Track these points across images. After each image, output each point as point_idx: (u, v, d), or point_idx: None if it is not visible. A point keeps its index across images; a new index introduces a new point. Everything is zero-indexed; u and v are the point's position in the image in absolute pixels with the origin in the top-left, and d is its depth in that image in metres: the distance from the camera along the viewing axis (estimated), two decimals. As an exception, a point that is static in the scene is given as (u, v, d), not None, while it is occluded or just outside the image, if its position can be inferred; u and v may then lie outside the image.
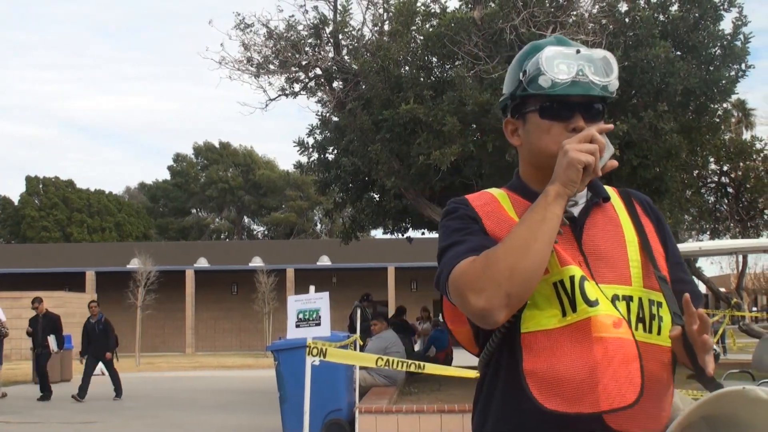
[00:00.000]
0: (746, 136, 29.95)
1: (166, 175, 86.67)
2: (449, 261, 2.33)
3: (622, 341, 2.24)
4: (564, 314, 2.28)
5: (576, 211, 2.45)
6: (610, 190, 2.60)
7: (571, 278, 2.29)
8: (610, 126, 2.37)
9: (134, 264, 43.58)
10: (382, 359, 9.56)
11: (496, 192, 2.58)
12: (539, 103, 2.42)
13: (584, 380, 2.19)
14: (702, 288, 23.05)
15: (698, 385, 2.26)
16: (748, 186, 18.71)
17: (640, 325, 2.34)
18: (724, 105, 17.60)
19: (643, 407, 2.23)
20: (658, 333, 2.36)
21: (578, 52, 2.39)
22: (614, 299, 2.32)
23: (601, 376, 2.19)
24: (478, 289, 2.19)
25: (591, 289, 2.28)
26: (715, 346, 2.23)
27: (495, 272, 2.18)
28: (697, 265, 23.23)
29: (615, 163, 2.33)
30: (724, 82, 15.47)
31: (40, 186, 74.81)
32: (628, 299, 2.35)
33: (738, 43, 15.46)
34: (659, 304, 2.40)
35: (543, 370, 2.23)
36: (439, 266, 2.40)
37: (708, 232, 20.11)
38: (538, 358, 2.25)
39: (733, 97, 18.06)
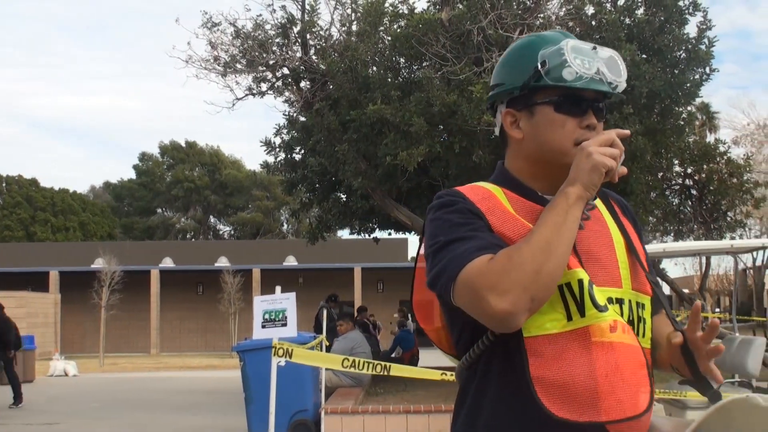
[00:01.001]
0: (710, 139, 30.19)
1: (132, 175, 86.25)
2: (457, 258, 2.17)
3: (628, 347, 2.20)
4: (569, 318, 2.19)
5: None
6: None
7: (580, 282, 2.21)
8: (628, 132, 2.34)
9: (98, 264, 43.30)
10: (348, 360, 9.54)
11: (489, 186, 2.44)
12: (554, 96, 2.35)
13: (594, 387, 2.12)
14: (666, 289, 23.21)
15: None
16: (711, 188, 18.80)
17: (630, 329, 2.28)
18: (689, 108, 17.72)
19: (643, 416, 2.20)
20: (643, 335, 2.33)
21: (594, 48, 2.35)
22: (608, 302, 2.26)
23: (612, 384, 2.13)
24: (501, 291, 2.07)
25: (599, 294, 2.22)
26: None
27: (521, 274, 2.07)
28: (662, 266, 23.38)
29: (625, 170, 2.30)
30: (688, 85, 15.58)
31: (3, 185, 74.17)
32: (620, 302, 2.30)
33: (702, 46, 15.58)
34: (643, 306, 2.37)
35: (551, 376, 2.14)
36: (439, 263, 2.23)
37: (672, 234, 20.20)
38: (545, 364, 2.16)
39: (698, 100, 18.20)
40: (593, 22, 15.48)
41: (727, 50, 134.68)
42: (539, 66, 2.34)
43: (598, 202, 2.48)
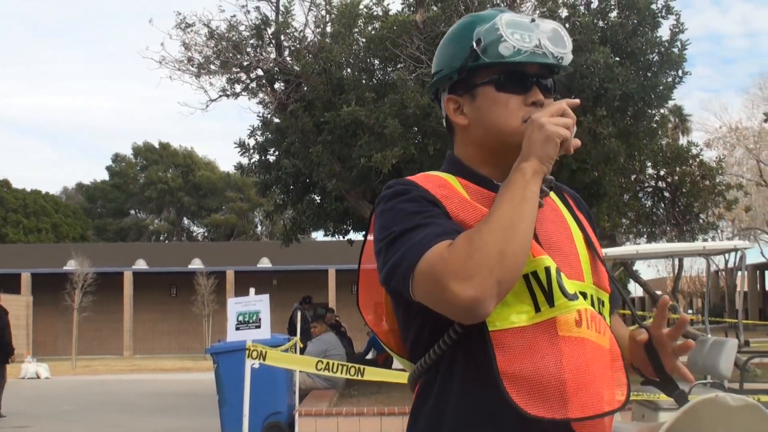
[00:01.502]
0: (683, 141, 30.32)
1: (105, 176, 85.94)
2: (415, 247, 1.99)
3: (600, 339, 2.08)
4: (537, 309, 2.03)
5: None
6: None
7: (547, 269, 2.05)
8: (577, 101, 2.16)
9: (71, 266, 43.06)
10: (322, 362, 9.54)
11: (444, 174, 2.26)
12: (494, 75, 2.20)
13: (566, 381, 1.99)
14: (639, 291, 23.28)
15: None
16: (684, 191, 18.90)
17: (600, 321, 2.12)
18: (662, 110, 17.81)
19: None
20: (603, 333, 2.13)
21: (533, 20, 2.20)
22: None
23: (586, 377, 2.01)
24: (464, 276, 1.89)
25: (568, 282, 2.07)
26: None
27: (484, 256, 1.90)
28: (635, 268, 23.47)
29: (578, 142, 2.13)
30: (661, 87, 15.67)
31: (-25, 186, 73.70)
32: (583, 296, 2.13)
33: (675, 49, 15.69)
34: (602, 303, 2.23)
35: (522, 372, 1.99)
36: (393, 255, 2.05)
37: (645, 236, 20.28)
38: (514, 359, 2.00)
39: (670, 103, 18.28)
40: (567, 25, 15.53)
41: (699, 53, 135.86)
42: (474, 45, 2.19)
43: (551, 194, 2.30)
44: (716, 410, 1.98)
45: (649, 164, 19.20)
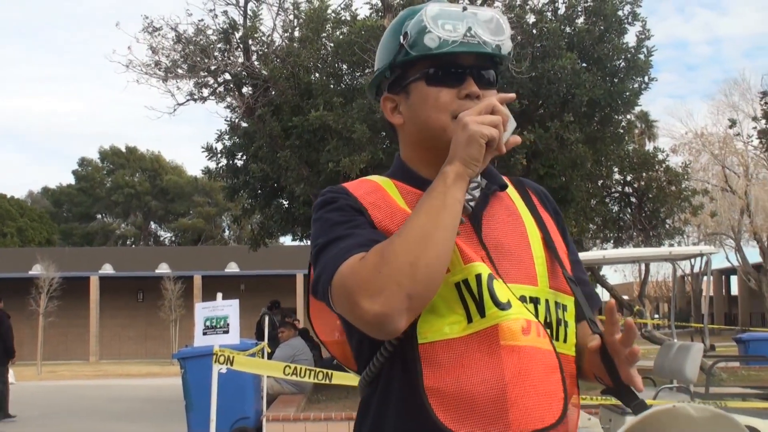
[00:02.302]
0: (649, 147, 30.55)
1: (71, 180, 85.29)
2: (332, 260, 1.94)
3: (538, 351, 1.95)
4: (470, 320, 1.93)
5: (471, 203, 2.07)
6: (504, 179, 2.26)
7: (478, 277, 1.95)
8: (512, 95, 2.05)
9: (36, 270, 42.71)
10: (290, 368, 9.51)
11: (379, 179, 2.19)
12: (424, 69, 2.09)
13: (498, 398, 1.88)
14: (606, 296, 23.42)
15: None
16: (650, 196, 19.04)
17: (548, 332, 2.01)
18: (628, 116, 17.96)
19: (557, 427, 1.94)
20: (565, 340, 2.08)
21: (464, 9, 2.07)
22: (521, 301, 2.00)
23: (519, 392, 1.89)
24: (372, 291, 1.82)
25: (501, 290, 1.96)
26: None
27: (392, 270, 1.82)
28: (601, 273, 23.59)
29: (518, 139, 2.03)
30: (628, 93, 15.78)
31: (-61, 190, 72.96)
32: (536, 301, 2.04)
33: (641, 56, 15.81)
34: (564, 308, 2.11)
35: (449, 387, 1.90)
36: (317, 268, 2.00)
37: (612, 241, 20.40)
38: (441, 374, 1.91)
39: (637, 109, 18.43)
40: (534, 31, 15.61)
41: (664, 60, 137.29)
42: (401, 39, 2.10)
43: (511, 191, 2.24)
44: (677, 421, 1.91)
45: (615, 170, 19.32)
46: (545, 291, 2.08)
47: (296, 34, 16.72)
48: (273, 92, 16.05)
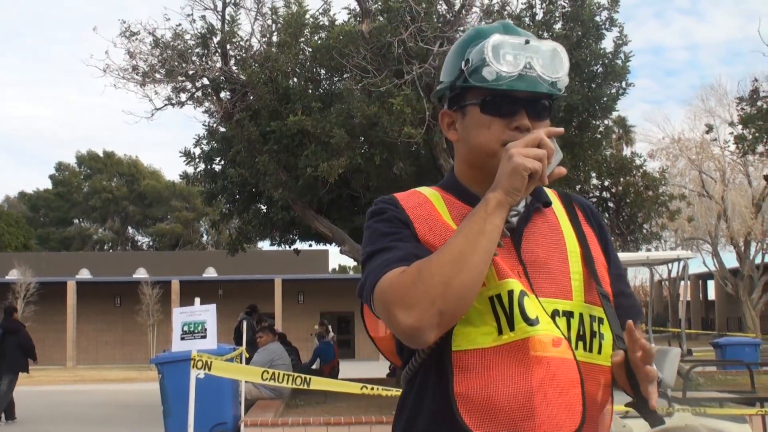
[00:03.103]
0: (626, 152, 30.65)
1: (48, 185, 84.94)
2: (375, 270, 2.10)
3: (562, 362, 2.07)
4: (500, 332, 2.08)
5: (515, 218, 2.23)
6: (551, 194, 2.39)
7: (510, 293, 2.08)
8: (561, 130, 2.16)
9: (13, 275, 42.58)
10: (268, 373, 9.49)
11: (428, 192, 2.33)
12: (481, 97, 2.20)
13: (521, 407, 2.02)
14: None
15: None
16: (628, 201, 19.09)
17: (581, 344, 2.15)
18: (606, 121, 17.99)
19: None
20: (599, 352, 2.19)
21: (527, 42, 2.17)
22: (554, 314, 2.13)
23: (540, 402, 2.02)
24: (407, 305, 1.97)
25: (531, 306, 2.09)
26: (660, 373, 2.14)
27: (428, 287, 1.96)
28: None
29: (563, 170, 2.13)
30: (605, 99, 15.82)
31: None
32: (569, 315, 2.16)
33: (619, 61, 15.85)
34: (600, 321, 2.22)
35: (476, 393, 2.04)
36: (363, 274, 2.18)
37: (590, 246, 20.47)
38: (470, 380, 2.05)
39: (614, 114, 18.47)
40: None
41: (641, 65, 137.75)
42: (463, 65, 2.23)
43: (556, 206, 2.37)
44: None
45: (593, 175, 19.36)
46: (580, 305, 2.20)
47: (274, 38, 16.69)
48: (251, 97, 16.02)
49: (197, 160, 18.44)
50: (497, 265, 2.11)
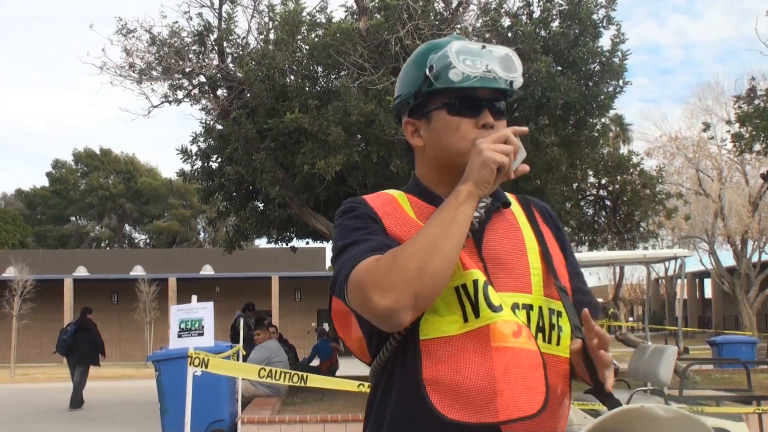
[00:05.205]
0: (623, 150, 30.63)
1: (45, 182, 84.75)
2: (350, 260, 2.21)
3: (524, 351, 2.18)
4: (466, 320, 2.19)
5: (476, 219, 2.30)
6: (510, 197, 2.53)
7: (475, 282, 2.20)
8: (525, 129, 2.30)
9: (10, 272, 42.50)
10: (265, 370, 9.49)
11: (395, 193, 2.47)
12: (446, 99, 2.34)
13: (486, 389, 2.12)
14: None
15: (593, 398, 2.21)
16: (625, 199, 19.14)
17: (540, 335, 2.27)
18: (603, 120, 17.99)
19: (541, 419, 2.17)
20: (558, 343, 2.31)
21: (484, 47, 2.34)
22: (514, 308, 2.25)
23: (505, 385, 2.13)
24: (384, 288, 2.08)
25: (494, 295, 2.21)
26: (615, 361, 2.20)
27: (403, 271, 2.08)
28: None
29: (526, 167, 2.28)
30: (602, 97, 15.83)
31: None
32: (528, 308, 2.28)
33: (616, 59, 15.86)
34: (559, 314, 2.35)
35: (444, 378, 2.15)
36: (336, 266, 2.28)
37: (587, 244, 20.46)
38: (439, 367, 2.16)
39: (611, 112, 18.48)
40: (509, 34, 15.64)
41: (637, 64, 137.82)
42: (427, 71, 2.35)
43: (515, 207, 2.50)
44: (647, 421, 2.02)
45: (590, 173, 19.40)
46: (540, 298, 2.32)
47: (271, 36, 16.68)
48: (248, 94, 16.01)
49: (194, 157, 18.43)
50: (462, 259, 2.22)
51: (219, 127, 17.62)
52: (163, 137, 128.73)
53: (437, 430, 2.15)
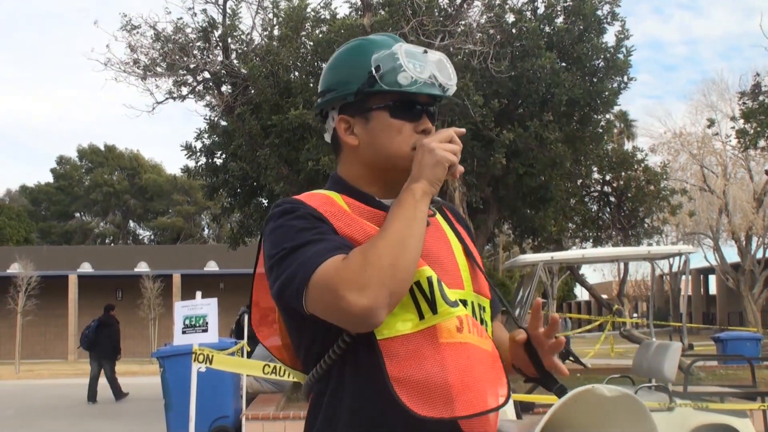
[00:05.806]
0: (628, 146, 30.57)
1: (49, 178, 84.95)
2: (308, 261, 2.09)
3: (476, 346, 2.19)
4: (421, 317, 2.15)
5: None
6: None
7: (429, 279, 2.17)
8: (463, 130, 2.31)
9: (14, 269, 42.49)
10: (269, 366, 9.49)
11: (328, 192, 2.36)
12: (389, 101, 2.31)
13: (451, 384, 2.10)
14: (585, 295, 23.47)
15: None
16: (629, 195, 19.11)
17: (478, 326, 2.26)
18: (607, 116, 17.99)
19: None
20: (486, 338, 2.29)
21: (425, 52, 2.33)
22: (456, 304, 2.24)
23: (470, 378, 2.13)
24: (359, 287, 2.01)
25: (449, 290, 2.20)
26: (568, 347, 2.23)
27: (377, 269, 2.03)
28: (581, 272, 23.66)
29: (462, 168, 2.28)
30: (607, 93, 15.83)
31: None
32: (464, 303, 2.27)
33: (620, 56, 15.85)
34: (483, 308, 2.38)
35: (410, 377, 2.10)
36: (284, 270, 2.15)
37: (591, 240, 20.44)
38: (402, 365, 2.11)
39: (616, 109, 18.47)
40: (513, 30, 15.64)
41: (641, 60, 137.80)
42: (373, 71, 2.31)
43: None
44: (593, 401, 2.08)
45: (595, 169, 19.37)
46: (470, 294, 2.35)
47: (275, 32, 16.69)
48: (252, 91, 16.01)
49: (198, 153, 18.44)
50: None
51: (223, 123, 17.63)
52: (167, 133, 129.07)
53: (403, 429, 2.12)
